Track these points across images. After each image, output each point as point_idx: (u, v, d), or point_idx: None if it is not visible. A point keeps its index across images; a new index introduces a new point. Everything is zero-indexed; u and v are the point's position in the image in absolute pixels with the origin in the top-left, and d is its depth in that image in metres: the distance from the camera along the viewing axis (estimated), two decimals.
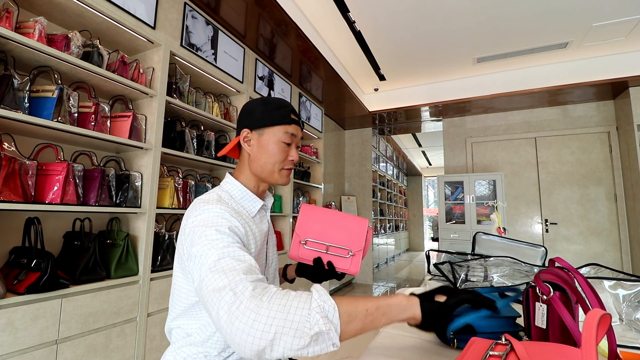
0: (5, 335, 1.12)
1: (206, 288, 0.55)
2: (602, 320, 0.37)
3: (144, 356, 1.58)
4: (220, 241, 0.61)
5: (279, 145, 0.80)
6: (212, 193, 0.78)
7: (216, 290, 0.53)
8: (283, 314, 0.48)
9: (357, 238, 0.84)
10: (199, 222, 0.66)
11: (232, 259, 0.58)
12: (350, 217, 0.87)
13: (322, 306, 0.50)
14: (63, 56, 1.33)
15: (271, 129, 0.80)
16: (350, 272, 0.83)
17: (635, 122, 3.35)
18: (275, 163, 0.81)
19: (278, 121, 0.80)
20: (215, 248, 0.60)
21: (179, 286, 0.73)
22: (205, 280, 0.56)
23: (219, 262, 0.57)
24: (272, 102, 0.82)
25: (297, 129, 0.83)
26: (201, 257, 0.60)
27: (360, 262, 0.84)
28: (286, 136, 0.81)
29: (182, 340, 0.73)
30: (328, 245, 0.84)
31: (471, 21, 2.80)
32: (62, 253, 1.47)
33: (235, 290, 0.51)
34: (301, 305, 0.50)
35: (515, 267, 1.12)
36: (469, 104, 4.05)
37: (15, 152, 1.30)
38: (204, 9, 2.15)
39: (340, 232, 0.85)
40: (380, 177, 6.27)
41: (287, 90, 3.19)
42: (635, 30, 2.91)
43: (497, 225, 2.00)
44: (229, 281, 0.53)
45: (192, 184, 2.01)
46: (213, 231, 0.63)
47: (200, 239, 0.63)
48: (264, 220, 0.86)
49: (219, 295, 0.52)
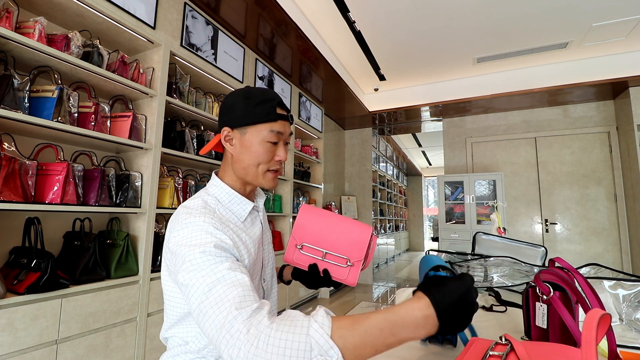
0: (5, 335, 1.12)
1: (202, 324, 0.52)
2: (602, 320, 0.37)
3: (144, 356, 1.58)
4: (207, 265, 0.56)
5: (263, 146, 0.72)
6: (197, 198, 0.72)
7: (213, 329, 0.50)
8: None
9: (358, 248, 0.77)
10: (182, 240, 0.61)
11: (223, 286, 0.53)
12: (352, 224, 0.80)
13: (325, 350, 0.44)
14: (63, 56, 1.33)
15: (254, 127, 0.72)
16: (347, 282, 0.77)
17: (635, 122, 3.35)
18: (259, 164, 0.73)
19: (262, 119, 0.71)
20: (203, 276, 0.55)
21: (171, 296, 0.70)
22: (199, 315, 0.53)
23: (210, 292, 0.53)
24: (255, 95, 0.73)
25: (284, 125, 0.74)
26: (190, 287, 0.55)
27: (359, 273, 0.78)
28: (272, 135, 0.72)
29: (178, 347, 0.71)
30: (325, 252, 0.78)
31: (471, 21, 2.80)
32: (62, 253, 1.47)
33: (231, 333, 0.47)
34: (301, 355, 0.44)
35: (515, 267, 1.12)
36: (469, 104, 4.05)
37: (15, 152, 1.30)
38: (204, 9, 2.15)
39: (340, 239, 0.78)
40: (380, 177, 6.27)
41: (287, 90, 3.19)
42: (635, 30, 2.91)
43: (497, 225, 2.00)
44: (222, 320, 0.49)
45: (192, 184, 2.01)
46: (198, 253, 0.58)
47: (185, 265, 0.58)
48: (256, 222, 0.80)
49: (217, 334, 0.49)
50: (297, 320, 0.47)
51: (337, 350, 0.43)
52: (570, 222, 3.91)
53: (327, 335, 0.44)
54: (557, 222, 3.97)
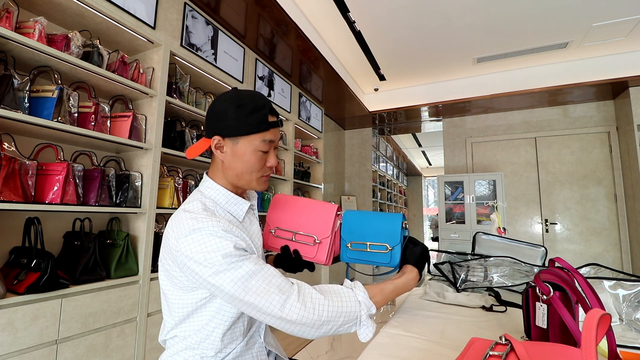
0: (5, 335, 1.12)
1: (255, 314, 0.63)
2: (602, 320, 0.37)
3: (144, 356, 1.58)
4: (237, 266, 0.62)
5: (256, 155, 0.72)
6: (195, 201, 0.71)
7: (269, 318, 0.62)
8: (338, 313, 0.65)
9: (324, 225, 0.80)
10: (197, 247, 0.62)
11: (259, 279, 0.62)
12: (318, 204, 0.83)
13: (369, 308, 0.68)
14: (63, 56, 1.33)
15: (247, 138, 0.72)
16: (317, 260, 0.80)
17: (635, 122, 3.35)
18: (252, 172, 0.74)
19: (254, 129, 0.71)
20: (236, 275, 0.62)
21: (172, 299, 0.70)
22: (248, 308, 0.62)
23: (249, 288, 0.61)
24: (246, 103, 0.71)
25: (276, 132, 0.75)
26: (223, 288, 0.62)
27: (330, 250, 0.81)
28: (264, 144, 0.72)
29: (177, 345, 0.71)
30: (295, 233, 0.81)
31: (471, 21, 2.80)
32: (62, 253, 1.47)
33: (290, 315, 0.61)
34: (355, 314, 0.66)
35: (515, 267, 1.12)
36: (469, 104, 4.05)
37: (15, 152, 1.30)
38: (204, 9, 2.15)
39: (307, 219, 0.82)
40: (380, 177, 6.26)
41: (287, 90, 3.19)
42: (635, 30, 2.91)
43: (497, 225, 2.01)
44: (279, 306, 0.61)
45: (192, 184, 2.01)
46: (219, 257, 0.61)
47: (212, 269, 0.61)
48: (253, 221, 0.81)
49: (278, 322, 0.62)
50: (342, 291, 0.68)
51: (375, 307, 0.69)
52: (570, 222, 3.91)
53: (370, 301, 0.68)
54: (557, 222, 3.97)
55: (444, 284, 1.19)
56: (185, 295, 0.68)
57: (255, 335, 0.78)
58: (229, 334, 0.71)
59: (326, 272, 3.67)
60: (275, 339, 0.87)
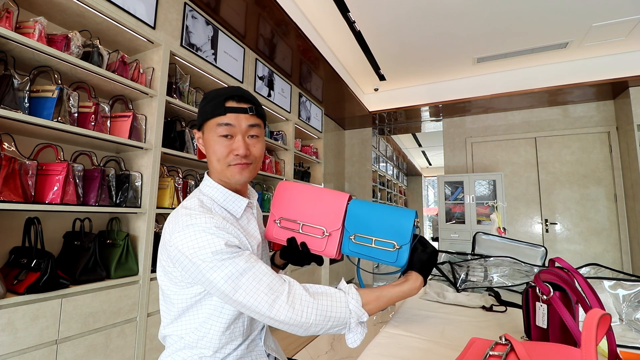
0: (5, 335, 1.12)
1: (246, 311, 0.63)
2: (602, 320, 0.37)
3: (144, 356, 1.58)
4: (226, 263, 0.62)
5: (217, 141, 0.72)
6: (193, 198, 0.72)
7: (260, 315, 0.62)
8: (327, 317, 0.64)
9: (335, 216, 0.74)
10: (189, 243, 0.63)
11: (249, 277, 0.62)
12: (327, 192, 0.77)
13: (359, 316, 0.65)
14: (63, 56, 1.33)
15: (207, 125, 0.73)
16: (326, 254, 0.75)
17: (635, 122, 3.35)
18: (219, 160, 0.72)
19: (210, 115, 0.72)
20: (227, 273, 0.62)
21: (168, 294, 0.71)
22: (238, 305, 0.62)
23: (238, 285, 0.61)
24: (210, 93, 0.75)
25: (237, 117, 0.72)
26: (215, 284, 0.62)
27: (340, 243, 0.75)
28: (221, 128, 0.71)
29: (175, 344, 0.72)
30: (302, 224, 0.75)
31: (471, 21, 2.80)
32: (62, 253, 1.47)
33: (278, 315, 0.61)
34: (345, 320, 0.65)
35: (515, 267, 1.12)
36: (469, 104, 4.05)
37: (15, 152, 1.30)
38: (204, 9, 2.15)
39: (315, 210, 0.75)
40: (380, 177, 6.26)
41: (287, 90, 3.19)
42: (635, 30, 2.91)
43: (497, 225, 2.01)
44: (268, 306, 0.61)
45: (192, 184, 2.01)
46: (209, 254, 0.61)
47: (202, 265, 0.62)
48: (252, 220, 0.80)
49: (267, 320, 0.62)
50: (335, 295, 0.66)
51: (367, 315, 0.66)
52: (570, 222, 3.91)
53: (361, 309, 0.65)
54: (557, 222, 3.97)
55: (444, 284, 1.19)
56: (180, 291, 0.69)
57: (256, 339, 0.79)
58: (228, 334, 0.71)
59: (326, 271, 3.67)
60: (275, 341, 0.87)
